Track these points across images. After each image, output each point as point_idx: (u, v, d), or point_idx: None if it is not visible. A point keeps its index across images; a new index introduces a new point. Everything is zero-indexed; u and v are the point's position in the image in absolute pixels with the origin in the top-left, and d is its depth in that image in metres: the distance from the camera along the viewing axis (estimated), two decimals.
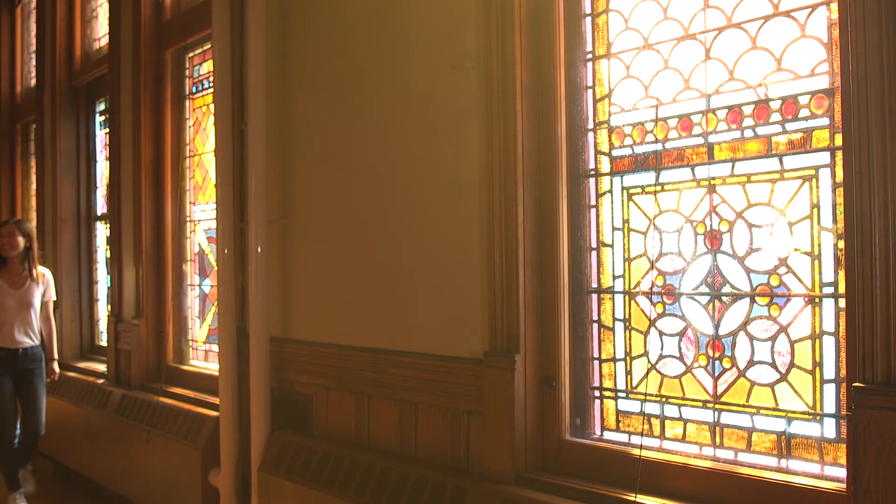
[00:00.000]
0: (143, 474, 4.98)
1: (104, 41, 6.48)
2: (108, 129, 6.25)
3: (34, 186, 7.65)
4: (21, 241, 5.49)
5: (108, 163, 6.13)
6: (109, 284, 6.03)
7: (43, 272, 5.67)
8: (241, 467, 4.23)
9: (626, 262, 2.87)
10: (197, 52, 5.37)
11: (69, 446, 6.03)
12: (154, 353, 5.35)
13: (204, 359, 5.30)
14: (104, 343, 6.38)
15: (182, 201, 5.44)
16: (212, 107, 4.79)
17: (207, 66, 5.21)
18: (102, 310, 6.85)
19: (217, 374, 4.41)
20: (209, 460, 4.43)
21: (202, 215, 5.28)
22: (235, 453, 4.25)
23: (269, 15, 4.11)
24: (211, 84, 4.98)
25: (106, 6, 6.30)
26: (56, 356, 5.76)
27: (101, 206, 6.93)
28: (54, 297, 5.80)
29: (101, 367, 6.25)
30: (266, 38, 4.11)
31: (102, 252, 6.84)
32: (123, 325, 5.66)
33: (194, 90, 5.42)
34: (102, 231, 6.86)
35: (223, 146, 4.32)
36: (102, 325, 6.84)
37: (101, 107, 6.88)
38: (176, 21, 5.42)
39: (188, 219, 5.43)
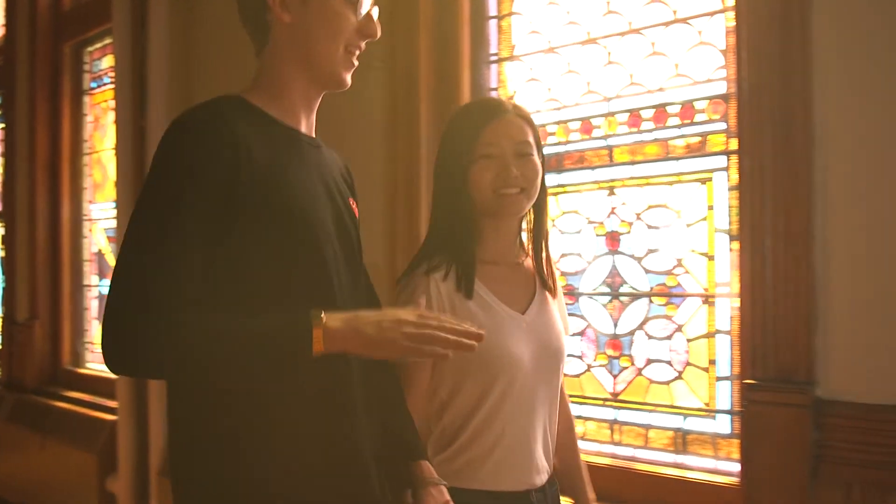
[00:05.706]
0: (37, 481, 4.81)
1: (0, 32, 6.24)
2: (3, 125, 6.01)
3: None
4: (537, 173, 1.90)
5: (2, 159, 5.89)
6: (4, 285, 5.79)
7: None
8: (140, 472, 4.11)
9: None
10: (97, 46, 5.20)
11: None
12: (49, 356, 5.15)
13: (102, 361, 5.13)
14: None
15: (79, 200, 5.26)
16: (112, 103, 4.66)
17: (108, 61, 5.06)
18: None
19: (115, 377, 4.29)
20: (106, 465, 4.30)
21: (101, 214, 5.12)
22: (133, 458, 4.13)
23: (172, 8, 4.01)
24: (111, 80, 4.84)
25: None
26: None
27: None
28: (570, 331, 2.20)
29: None
30: (169, 32, 4.01)
31: None
32: (17, 328, 5.44)
33: (94, 85, 5.25)
34: None
35: (123, 144, 4.19)
36: None
37: None
38: (75, 13, 5.23)
39: (86, 218, 5.25)
